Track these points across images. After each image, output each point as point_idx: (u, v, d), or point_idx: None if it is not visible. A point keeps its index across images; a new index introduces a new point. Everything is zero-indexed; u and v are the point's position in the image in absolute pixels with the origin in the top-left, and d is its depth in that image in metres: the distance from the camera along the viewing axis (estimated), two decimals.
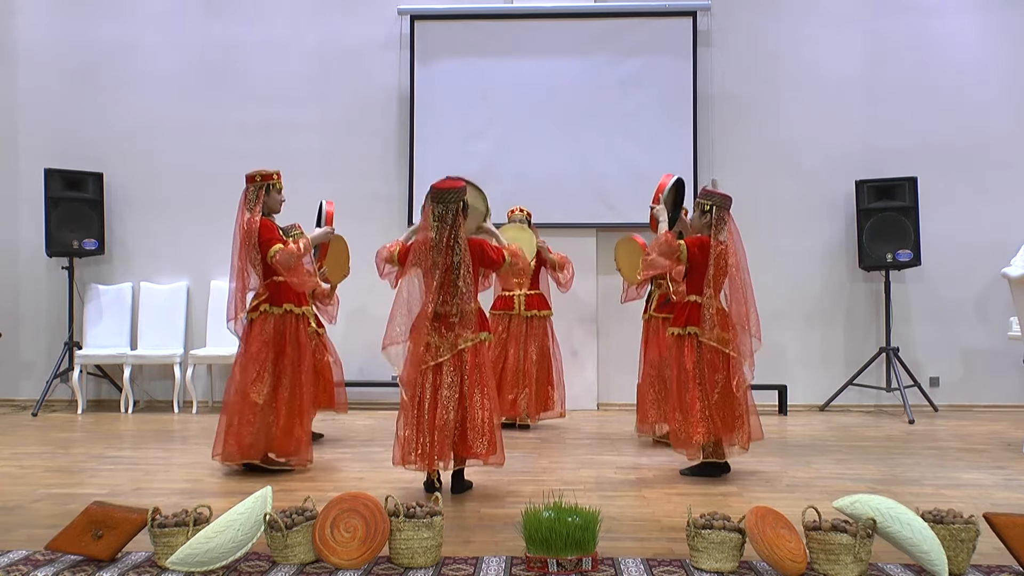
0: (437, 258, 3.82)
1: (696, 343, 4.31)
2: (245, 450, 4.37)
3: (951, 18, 7.42)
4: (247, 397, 4.38)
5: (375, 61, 7.60)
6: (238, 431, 4.37)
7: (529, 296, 6.20)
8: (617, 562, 2.81)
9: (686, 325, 4.35)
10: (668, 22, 7.44)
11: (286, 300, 4.53)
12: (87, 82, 7.65)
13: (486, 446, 3.83)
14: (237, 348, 4.58)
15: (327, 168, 7.46)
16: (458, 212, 3.85)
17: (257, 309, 4.49)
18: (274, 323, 4.48)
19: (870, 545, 2.66)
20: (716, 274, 4.28)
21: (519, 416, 6.05)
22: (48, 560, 2.85)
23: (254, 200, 4.51)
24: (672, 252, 4.33)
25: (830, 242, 7.43)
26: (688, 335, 4.34)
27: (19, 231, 7.63)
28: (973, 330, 7.27)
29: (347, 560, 2.76)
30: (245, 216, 4.50)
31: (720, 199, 4.35)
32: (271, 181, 4.57)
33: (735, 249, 4.32)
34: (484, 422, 3.83)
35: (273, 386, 4.43)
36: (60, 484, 4.22)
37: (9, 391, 7.59)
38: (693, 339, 4.32)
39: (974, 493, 4.01)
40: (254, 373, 4.40)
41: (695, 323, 4.32)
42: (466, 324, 3.84)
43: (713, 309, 4.27)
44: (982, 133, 7.33)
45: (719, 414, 4.25)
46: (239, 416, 4.38)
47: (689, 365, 4.30)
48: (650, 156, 7.26)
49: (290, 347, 4.50)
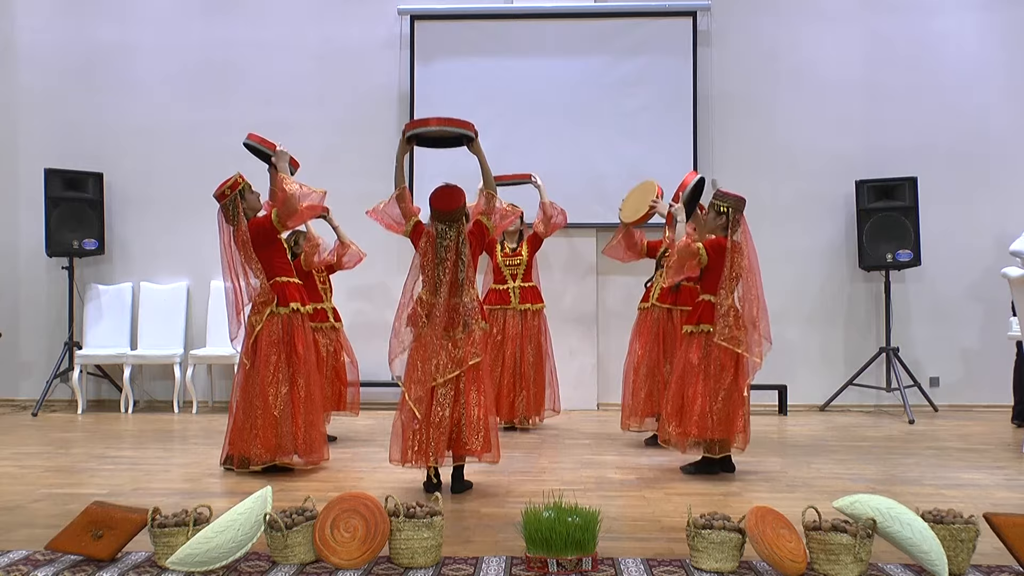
0: (441, 273, 3.88)
1: (706, 341, 4.35)
2: (272, 452, 4.35)
3: (951, 18, 7.43)
4: (266, 400, 4.35)
5: (375, 61, 7.60)
6: (263, 434, 4.33)
7: (523, 289, 6.12)
8: (617, 562, 2.81)
9: (699, 323, 4.40)
10: (668, 22, 7.44)
11: (292, 299, 4.51)
12: (87, 82, 7.65)
13: (481, 443, 3.85)
14: (240, 351, 4.53)
15: (327, 168, 7.44)
16: (461, 229, 3.92)
17: (262, 313, 4.45)
18: (282, 324, 4.47)
19: (870, 545, 2.66)
20: (731, 274, 4.32)
21: (518, 419, 6.02)
22: (48, 560, 2.85)
23: (234, 214, 4.45)
24: (693, 256, 4.38)
25: (830, 242, 7.43)
26: (700, 332, 4.38)
27: (19, 231, 7.63)
28: (973, 330, 7.28)
29: (347, 560, 2.76)
30: (229, 231, 4.46)
31: (735, 201, 4.40)
32: (240, 187, 4.49)
33: (748, 250, 4.37)
34: (479, 419, 3.86)
35: (289, 386, 4.42)
36: (60, 484, 4.22)
37: (9, 391, 7.59)
38: (703, 336, 4.36)
39: (974, 493, 4.01)
40: (269, 375, 4.37)
41: (707, 321, 4.36)
42: (471, 337, 3.88)
43: (725, 308, 4.30)
44: (982, 133, 7.33)
45: (721, 415, 4.27)
46: (262, 419, 4.34)
47: (695, 360, 4.34)
48: (650, 156, 7.26)
49: (301, 346, 4.48)
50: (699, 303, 4.48)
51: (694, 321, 4.44)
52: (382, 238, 7.53)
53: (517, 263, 6.13)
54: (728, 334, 4.28)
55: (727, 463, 4.44)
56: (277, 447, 4.36)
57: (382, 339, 4.19)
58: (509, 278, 6.11)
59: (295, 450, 4.43)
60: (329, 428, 5.85)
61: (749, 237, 4.40)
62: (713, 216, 4.43)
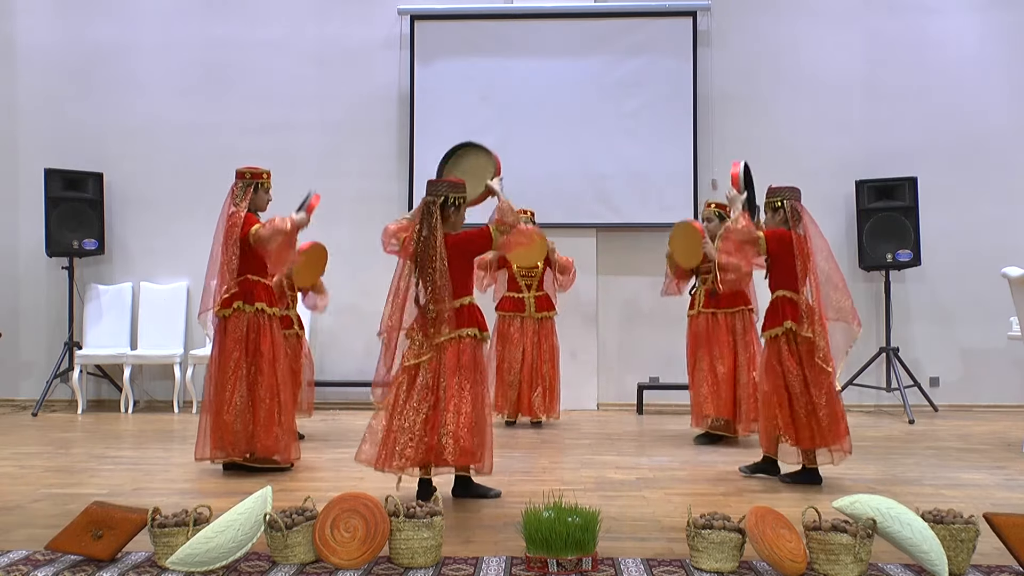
0: (419, 249, 3.73)
1: (794, 340, 4.12)
2: (227, 448, 4.35)
3: (951, 18, 7.43)
4: (223, 395, 4.36)
5: (375, 61, 7.60)
6: (218, 429, 4.35)
7: (538, 298, 6.31)
8: (617, 562, 2.81)
9: (782, 322, 4.16)
10: (668, 22, 7.44)
11: (258, 299, 4.47)
12: (87, 82, 7.65)
13: (457, 453, 3.66)
14: (211, 347, 4.54)
15: (327, 168, 7.45)
16: (435, 206, 3.74)
17: (230, 306, 4.42)
18: (247, 321, 4.43)
19: (870, 545, 2.66)
20: (804, 267, 4.13)
21: (533, 415, 6.20)
22: (48, 560, 2.85)
23: (241, 196, 4.48)
24: (752, 241, 4.17)
25: (830, 242, 7.32)
26: (787, 332, 4.14)
27: (19, 231, 7.63)
28: (973, 330, 7.27)
29: (347, 560, 2.76)
30: (231, 209, 4.48)
31: (789, 192, 4.25)
32: (260, 180, 4.54)
33: (812, 240, 4.16)
34: (460, 427, 3.65)
35: (250, 384, 4.39)
36: (60, 484, 4.22)
37: (9, 391, 7.59)
38: (791, 336, 4.13)
39: (974, 493, 4.01)
40: (229, 371, 4.37)
41: (792, 318, 4.12)
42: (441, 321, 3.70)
43: (805, 308, 4.10)
44: (982, 133, 7.33)
45: (828, 420, 4.05)
46: (216, 415, 4.36)
47: (793, 366, 4.09)
48: (650, 156, 7.27)
49: (264, 345, 4.44)
50: (775, 300, 4.22)
51: (779, 322, 4.16)
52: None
53: (533, 275, 6.31)
54: (815, 331, 4.04)
55: (816, 473, 4.18)
56: (231, 444, 4.33)
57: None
58: (525, 288, 6.29)
59: (252, 448, 4.38)
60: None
61: (810, 226, 4.17)
62: (771, 215, 4.28)
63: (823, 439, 4.08)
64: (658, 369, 7.30)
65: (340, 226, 6.75)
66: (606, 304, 7.43)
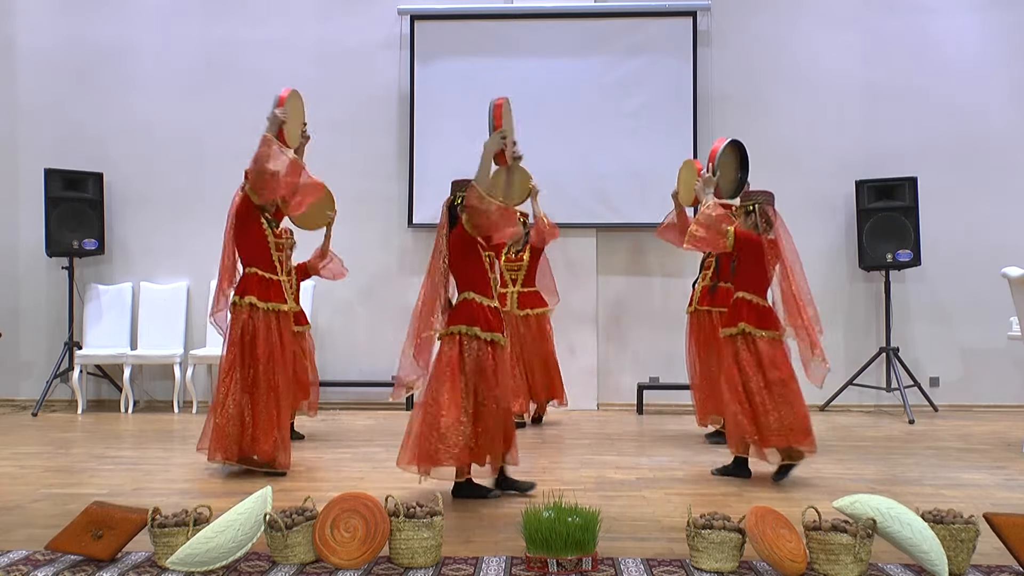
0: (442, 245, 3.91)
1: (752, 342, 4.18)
2: (224, 450, 4.32)
3: (951, 18, 7.42)
4: (216, 398, 4.36)
5: (375, 61, 7.60)
6: (216, 429, 4.34)
7: (523, 294, 6.11)
8: (617, 562, 2.81)
9: (737, 323, 4.23)
10: (668, 22, 7.44)
11: (250, 293, 4.42)
12: (87, 82, 7.65)
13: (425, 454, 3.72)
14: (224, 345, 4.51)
15: (327, 168, 7.39)
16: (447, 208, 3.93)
17: (244, 299, 4.40)
18: (242, 319, 4.39)
19: (870, 545, 2.66)
20: (773, 270, 4.20)
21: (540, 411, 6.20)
22: (48, 560, 2.85)
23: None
24: (720, 233, 4.18)
25: (830, 242, 7.42)
26: (743, 334, 4.21)
27: (19, 231, 7.62)
28: (973, 330, 7.27)
29: (347, 560, 2.76)
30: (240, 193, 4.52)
31: (762, 196, 4.31)
32: None
33: (784, 243, 4.22)
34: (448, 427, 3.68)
35: (251, 386, 4.35)
36: (60, 484, 4.22)
37: (9, 391, 7.58)
38: (748, 338, 4.20)
39: (974, 493, 4.01)
40: (223, 374, 4.38)
41: (748, 320, 4.20)
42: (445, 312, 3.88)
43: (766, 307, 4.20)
44: (982, 133, 7.33)
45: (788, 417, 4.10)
46: (216, 415, 4.35)
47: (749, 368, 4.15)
48: (650, 156, 7.26)
49: (269, 346, 4.39)
50: (736, 300, 4.29)
51: (733, 323, 4.25)
52: (383, 239, 7.57)
53: (518, 268, 6.14)
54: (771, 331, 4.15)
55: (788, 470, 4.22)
56: (227, 447, 4.31)
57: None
58: (510, 282, 6.11)
59: (250, 451, 4.35)
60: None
61: (786, 231, 4.22)
62: (744, 218, 4.33)
63: (785, 438, 4.13)
64: (658, 369, 7.30)
65: (340, 226, 6.72)
66: (606, 304, 7.43)
